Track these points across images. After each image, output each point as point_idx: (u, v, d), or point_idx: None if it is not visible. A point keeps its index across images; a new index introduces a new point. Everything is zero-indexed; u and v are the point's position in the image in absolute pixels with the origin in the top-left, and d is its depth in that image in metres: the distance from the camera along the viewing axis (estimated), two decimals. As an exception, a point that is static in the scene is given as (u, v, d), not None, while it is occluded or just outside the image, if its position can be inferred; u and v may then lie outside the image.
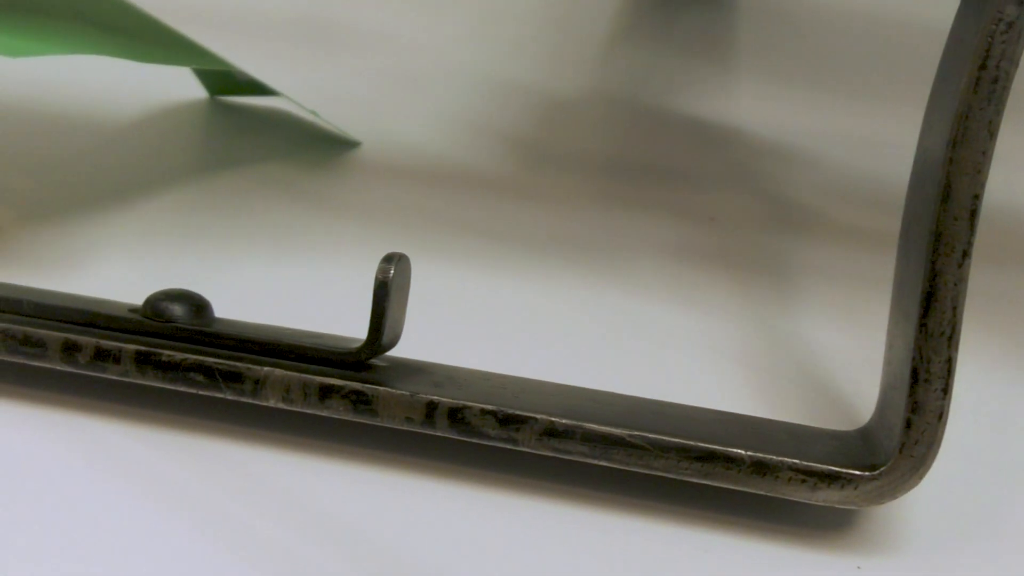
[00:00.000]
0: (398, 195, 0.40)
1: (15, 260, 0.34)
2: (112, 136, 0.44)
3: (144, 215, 0.37)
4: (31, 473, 0.25)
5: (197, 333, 0.26)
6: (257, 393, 0.25)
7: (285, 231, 0.37)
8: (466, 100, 0.48)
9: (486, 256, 0.36)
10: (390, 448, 0.26)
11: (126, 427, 0.27)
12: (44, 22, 0.30)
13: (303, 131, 0.45)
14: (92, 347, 0.26)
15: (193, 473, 0.26)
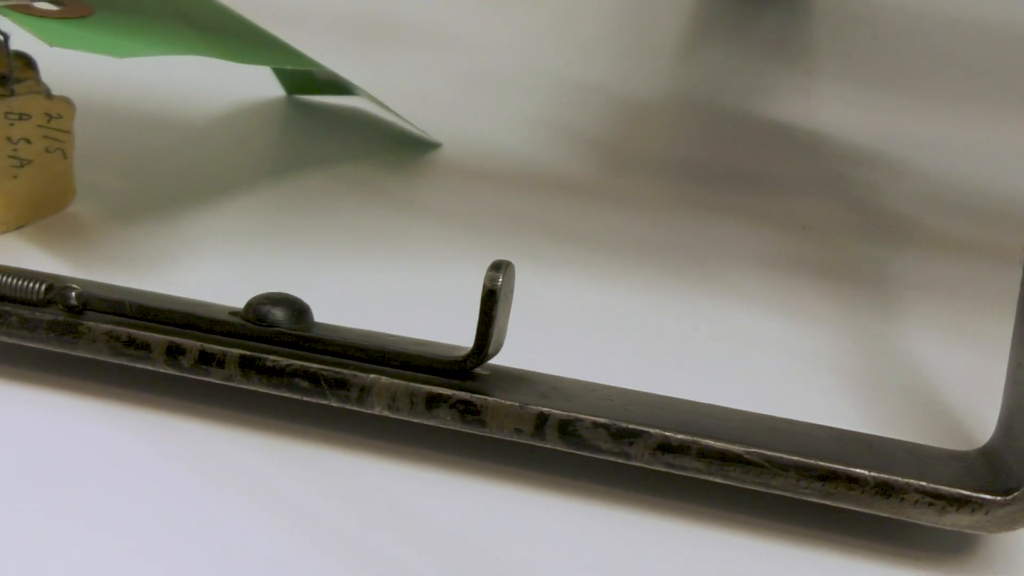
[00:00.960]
0: (482, 198, 0.39)
1: (108, 259, 0.34)
2: (194, 134, 0.44)
3: (232, 215, 0.37)
4: (133, 476, 0.25)
5: (300, 338, 0.26)
6: (363, 400, 0.25)
7: (372, 233, 0.37)
8: (544, 101, 0.47)
9: (573, 261, 0.35)
10: (494, 458, 0.26)
11: (228, 431, 0.27)
12: (147, 22, 0.30)
13: (383, 131, 0.44)
14: (196, 350, 0.26)
15: (294, 478, 0.25)
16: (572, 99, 0.47)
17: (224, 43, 0.32)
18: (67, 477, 0.25)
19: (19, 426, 0.27)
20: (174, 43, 0.30)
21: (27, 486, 0.25)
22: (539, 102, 0.47)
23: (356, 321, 0.28)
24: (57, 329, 0.26)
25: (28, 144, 0.33)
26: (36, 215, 0.36)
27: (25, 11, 0.28)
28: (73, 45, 0.27)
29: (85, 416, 0.27)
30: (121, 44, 0.28)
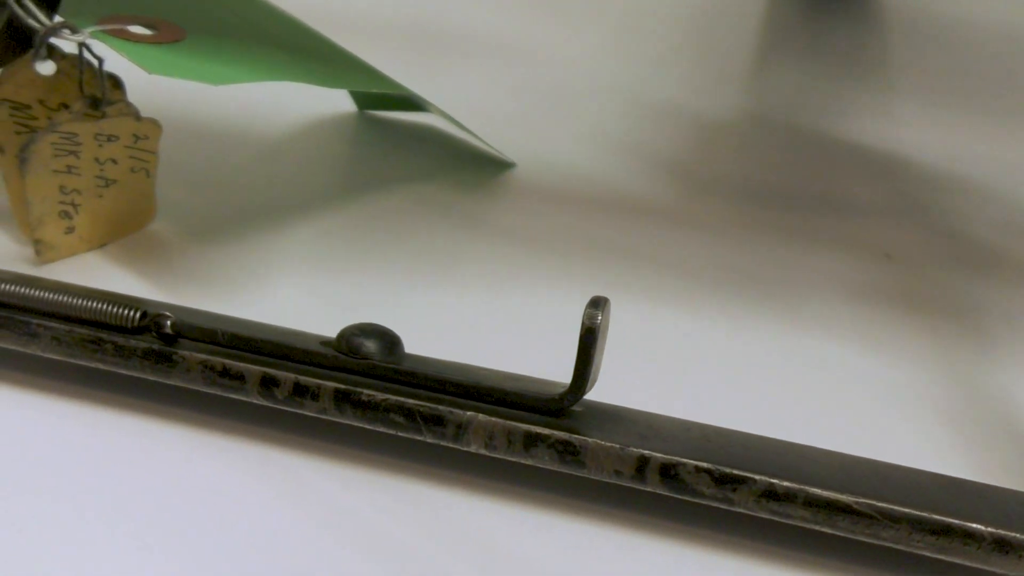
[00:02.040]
0: (559, 220, 0.39)
1: (189, 279, 0.34)
2: (267, 149, 0.44)
3: (309, 235, 0.37)
4: (224, 504, 0.25)
5: (393, 371, 0.26)
6: (459, 438, 0.25)
7: (450, 256, 0.36)
8: (617, 118, 0.47)
9: (653, 288, 0.35)
10: (588, 496, 0.26)
11: (319, 462, 0.26)
12: (238, 47, 0.30)
13: (456, 150, 0.44)
14: (291, 383, 0.26)
15: (386, 513, 0.25)
16: (645, 117, 0.47)
17: (313, 68, 0.32)
18: (156, 503, 0.25)
19: (111, 451, 0.27)
20: (267, 69, 0.30)
21: (120, 510, 0.25)
22: (612, 120, 0.46)
23: (437, 347, 0.28)
24: (152, 357, 0.27)
25: (114, 164, 0.34)
26: (119, 233, 0.36)
27: (121, 36, 0.29)
28: (171, 73, 0.27)
29: (176, 443, 0.27)
30: (216, 71, 0.28)
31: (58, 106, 0.33)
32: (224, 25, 0.31)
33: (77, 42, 0.28)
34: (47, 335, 0.27)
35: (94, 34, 0.28)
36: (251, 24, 0.33)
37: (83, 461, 0.26)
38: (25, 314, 0.27)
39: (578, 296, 0.34)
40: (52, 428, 0.27)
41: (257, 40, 0.31)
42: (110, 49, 0.29)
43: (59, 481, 0.26)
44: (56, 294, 0.27)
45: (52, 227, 0.34)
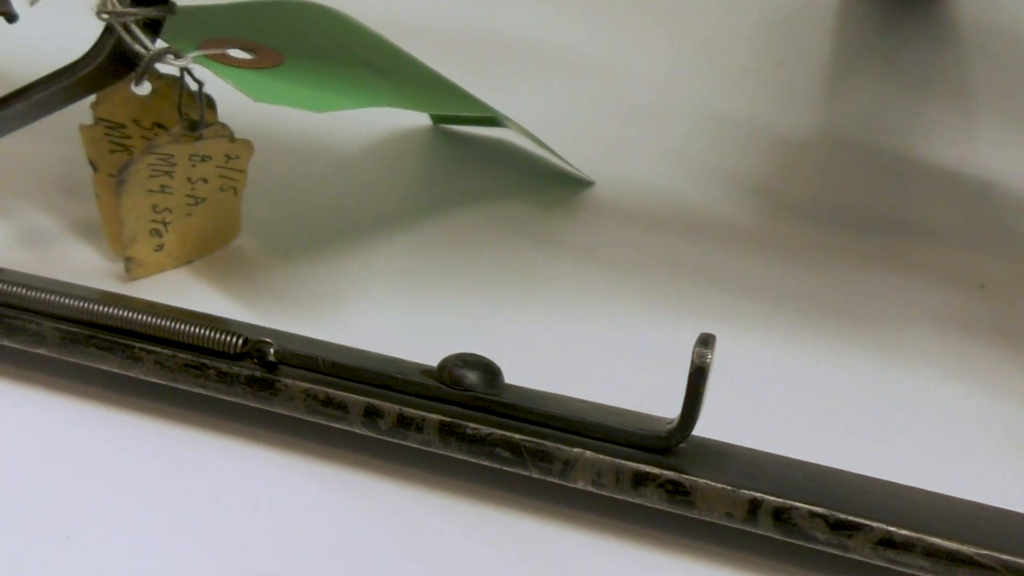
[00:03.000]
0: (641, 243, 0.38)
1: (276, 298, 0.34)
2: (344, 164, 0.44)
3: (390, 254, 0.37)
4: (324, 531, 0.25)
5: (497, 404, 0.26)
6: (566, 474, 0.24)
7: (533, 278, 0.36)
8: (692, 137, 0.46)
9: (739, 315, 0.34)
10: (693, 535, 0.25)
11: (416, 492, 0.26)
12: (335, 71, 0.30)
13: (533, 167, 0.44)
14: (395, 414, 0.26)
15: (486, 544, 0.25)
16: (721, 135, 0.46)
17: (409, 92, 0.32)
18: (256, 528, 0.25)
19: (207, 474, 0.27)
20: (365, 95, 0.30)
21: (219, 534, 0.25)
22: (688, 138, 0.46)
23: (528, 375, 0.28)
24: (255, 385, 0.27)
25: (205, 183, 0.34)
26: (205, 250, 0.36)
27: (222, 60, 0.29)
28: (275, 100, 0.27)
29: (275, 469, 0.27)
30: (318, 97, 0.28)
31: (151, 125, 0.34)
32: (319, 49, 0.32)
33: (179, 67, 0.28)
34: (150, 359, 0.27)
35: (197, 59, 0.28)
36: (345, 48, 0.33)
37: (179, 483, 0.27)
38: (128, 337, 0.28)
39: (666, 322, 0.34)
40: (150, 449, 0.28)
41: (352, 64, 0.31)
42: (211, 74, 0.29)
43: (158, 502, 0.26)
44: (159, 319, 0.27)
45: (143, 245, 0.34)
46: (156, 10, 0.27)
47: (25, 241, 0.37)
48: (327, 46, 0.32)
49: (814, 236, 0.40)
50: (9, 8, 0.29)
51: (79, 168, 0.41)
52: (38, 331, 0.28)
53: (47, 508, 0.25)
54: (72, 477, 0.26)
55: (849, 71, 0.54)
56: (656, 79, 0.51)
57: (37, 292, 0.28)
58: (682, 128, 0.47)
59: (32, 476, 0.26)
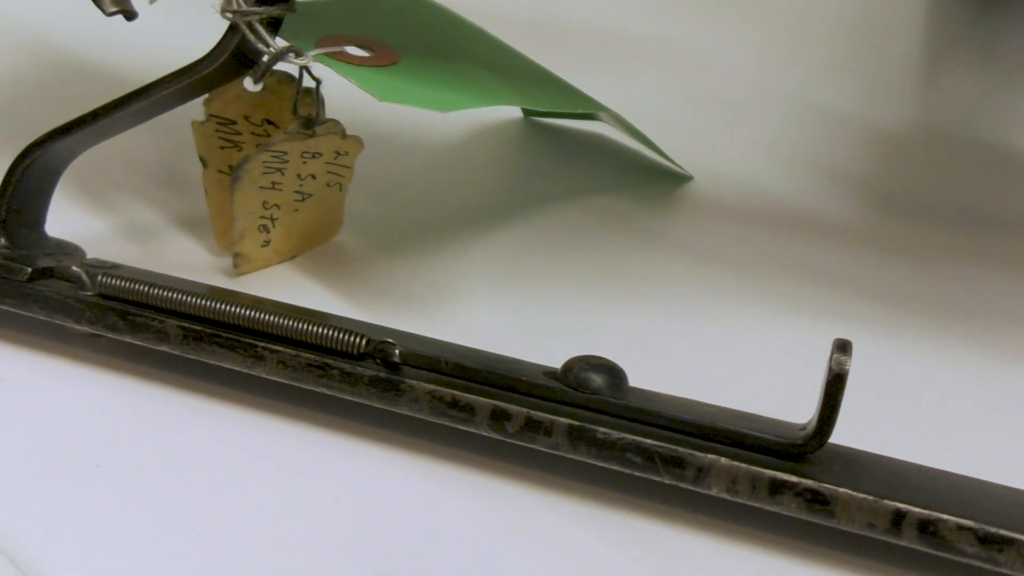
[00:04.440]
0: (746, 240, 0.38)
1: (381, 295, 0.34)
2: (438, 157, 0.43)
3: (491, 250, 0.37)
4: (449, 533, 0.25)
5: (625, 408, 0.25)
6: (699, 481, 0.24)
7: (637, 274, 0.36)
8: (789, 129, 0.46)
9: (853, 314, 0.34)
10: (822, 541, 0.25)
11: (542, 495, 0.26)
12: (451, 69, 0.30)
13: (628, 160, 0.43)
14: (523, 417, 0.25)
15: (614, 548, 0.25)
16: (818, 128, 0.45)
17: (524, 89, 0.32)
18: (380, 529, 0.25)
19: (330, 475, 0.27)
20: (485, 93, 0.30)
21: (343, 535, 0.25)
22: (785, 130, 0.45)
23: (642, 375, 0.28)
24: (379, 385, 0.27)
25: (313, 179, 0.34)
26: (308, 246, 0.36)
27: (341, 58, 0.29)
28: (398, 99, 0.27)
29: (396, 469, 0.27)
30: (440, 96, 0.28)
31: (262, 122, 0.34)
32: (430, 45, 0.31)
33: (300, 65, 0.28)
34: (273, 358, 0.27)
35: (317, 57, 0.28)
36: (454, 43, 0.32)
37: (302, 482, 0.27)
38: (251, 336, 0.28)
39: (780, 323, 0.34)
40: (272, 448, 0.28)
41: (464, 61, 0.31)
42: (332, 72, 0.29)
43: (282, 501, 0.26)
44: (284, 318, 0.27)
45: (251, 240, 0.34)
46: (279, 8, 0.27)
47: (130, 235, 0.37)
48: (437, 42, 0.32)
49: (925, 234, 0.39)
50: (129, 6, 0.29)
51: (180, 163, 0.42)
52: (161, 328, 0.28)
53: (177, 505, 0.26)
54: (199, 475, 0.27)
55: (943, 61, 0.53)
56: (747, 70, 0.50)
57: (159, 289, 0.28)
58: (777, 120, 0.46)
59: (163, 474, 0.27)
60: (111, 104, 0.29)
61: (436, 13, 0.35)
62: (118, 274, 0.29)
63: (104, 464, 0.27)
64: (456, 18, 0.35)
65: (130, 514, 0.25)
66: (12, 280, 0.30)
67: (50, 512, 0.25)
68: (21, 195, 0.31)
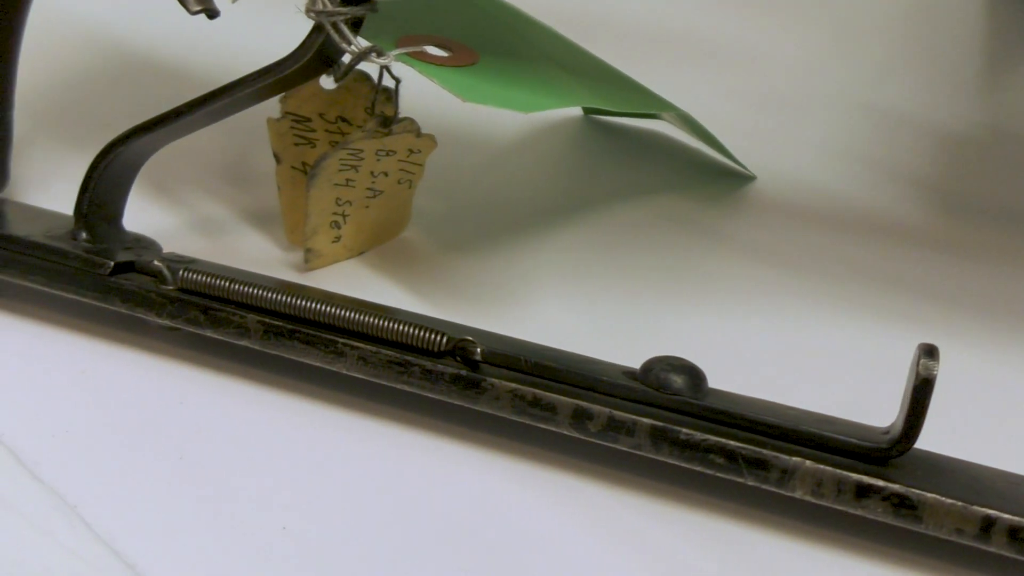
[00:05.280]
0: (810, 239, 0.38)
1: (451, 292, 0.34)
2: (499, 154, 0.43)
3: (557, 248, 0.37)
4: (529, 531, 0.25)
5: (706, 410, 0.26)
6: (783, 483, 0.24)
7: (705, 275, 0.36)
8: (850, 129, 0.45)
9: (925, 318, 0.34)
10: (908, 547, 0.25)
11: (624, 495, 0.26)
12: (528, 70, 0.30)
13: (689, 160, 0.43)
14: (605, 417, 0.26)
15: (695, 549, 0.25)
16: (880, 128, 0.45)
17: (599, 89, 0.32)
18: (460, 526, 0.25)
19: (411, 471, 0.27)
20: (564, 94, 0.30)
21: (424, 531, 0.25)
22: (846, 130, 0.45)
23: (716, 376, 0.28)
24: (460, 383, 0.27)
25: (385, 177, 0.34)
26: (376, 242, 0.37)
27: (422, 58, 0.29)
28: (483, 100, 0.27)
29: (474, 466, 0.27)
30: (523, 98, 0.28)
31: (336, 119, 0.34)
32: (506, 45, 0.31)
33: (381, 65, 0.28)
34: (353, 355, 0.28)
35: (399, 57, 0.28)
36: (528, 43, 0.32)
37: (382, 478, 0.27)
38: (331, 332, 0.28)
39: (851, 325, 0.33)
40: (350, 443, 0.28)
41: (539, 60, 0.31)
42: (412, 71, 0.29)
43: (362, 498, 0.26)
44: (364, 315, 0.28)
45: (323, 236, 0.34)
46: (362, 8, 0.27)
47: (199, 230, 0.37)
48: (512, 41, 0.32)
49: (987, 234, 0.38)
50: (211, 5, 0.29)
51: (246, 159, 0.42)
52: (242, 324, 0.29)
53: (260, 499, 0.26)
54: (280, 469, 0.27)
55: (1004, 59, 0.52)
56: (805, 70, 0.50)
57: (240, 285, 0.29)
58: (836, 120, 0.46)
59: (244, 467, 0.27)
60: (194, 101, 0.29)
61: (507, 12, 0.35)
62: (199, 269, 0.30)
63: (187, 456, 0.27)
64: (526, 17, 0.36)
65: (215, 506, 0.26)
66: (94, 273, 0.30)
67: (140, 503, 0.25)
68: (102, 190, 0.32)
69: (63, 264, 0.31)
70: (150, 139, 0.31)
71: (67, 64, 0.47)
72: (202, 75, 0.48)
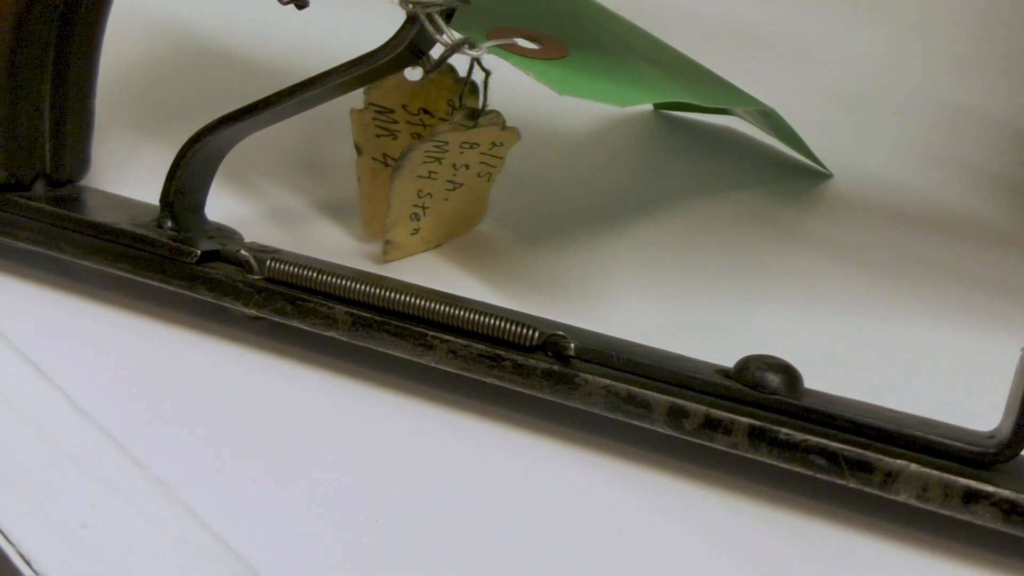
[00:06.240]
0: (894, 241, 0.37)
1: (530, 286, 0.34)
2: (571, 150, 0.43)
3: (634, 243, 0.37)
4: (622, 529, 0.25)
5: (804, 410, 0.25)
6: (887, 486, 0.24)
7: (786, 273, 0.35)
8: (927, 127, 0.45)
9: (1015, 322, 0.33)
10: (1009, 553, 0.24)
11: (719, 496, 0.26)
12: (617, 64, 0.30)
13: (763, 156, 0.43)
14: (701, 415, 0.25)
15: (799, 555, 0.24)
16: (957, 126, 0.44)
17: (689, 84, 0.32)
18: (555, 524, 0.25)
19: (506, 467, 0.27)
20: (655, 88, 0.30)
21: (520, 528, 0.25)
22: (923, 128, 0.44)
23: (808, 376, 0.27)
24: (552, 378, 0.27)
25: (466, 169, 0.34)
26: (452, 235, 0.36)
27: (514, 50, 0.29)
28: (579, 93, 0.27)
29: (568, 463, 0.27)
30: (617, 91, 0.28)
31: (418, 111, 0.34)
32: (592, 38, 0.31)
33: (472, 57, 0.28)
34: (443, 348, 0.28)
35: (491, 49, 0.28)
36: (614, 36, 0.32)
37: (472, 473, 0.27)
38: (420, 325, 0.28)
39: (939, 326, 0.33)
40: (436, 436, 0.28)
41: (627, 54, 0.31)
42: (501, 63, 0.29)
43: (453, 492, 0.26)
44: (453, 308, 0.28)
45: (403, 228, 0.34)
46: (455, 0, 0.27)
47: (275, 220, 0.37)
48: (599, 35, 0.32)
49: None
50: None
51: (318, 150, 0.42)
52: (329, 315, 0.29)
53: (352, 491, 0.26)
54: (370, 460, 0.27)
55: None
56: (879, 67, 0.49)
57: (328, 276, 0.29)
58: (913, 118, 0.45)
59: (334, 459, 0.27)
60: (284, 91, 0.29)
61: (590, 5, 0.35)
62: (286, 259, 0.30)
63: (277, 447, 0.27)
64: (608, 11, 0.35)
65: (308, 496, 0.25)
66: (181, 262, 0.30)
67: (233, 492, 0.25)
68: (187, 178, 0.32)
69: (150, 252, 0.31)
70: (238, 128, 0.31)
71: (144, 53, 0.47)
72: (270, 66, 0.48)
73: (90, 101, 0.35)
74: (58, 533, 0.20)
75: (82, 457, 0.22)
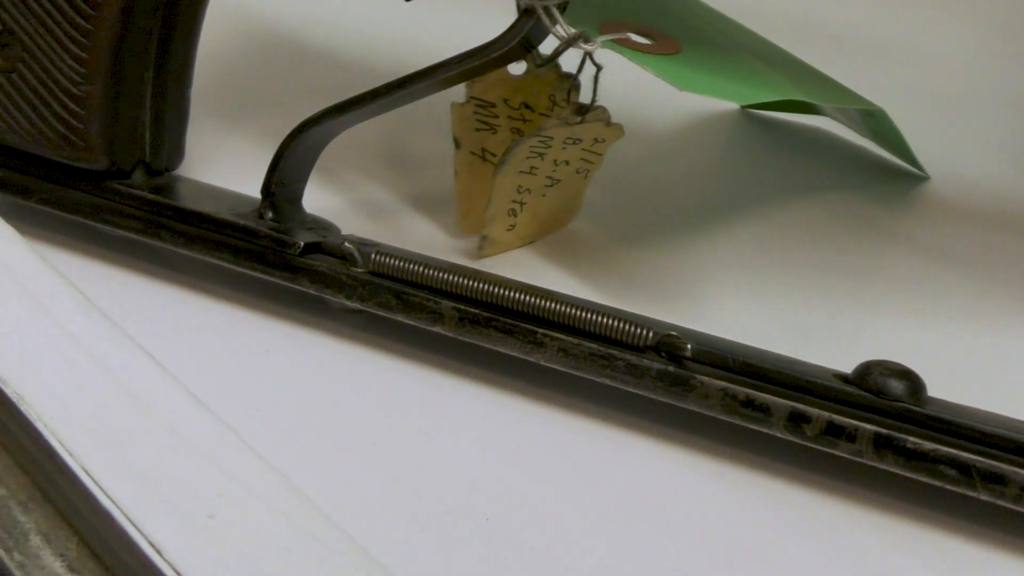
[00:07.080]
0: (996, 246, 0.36)
1: (629, 285, 0.34)
2: (658, 148, 0.42)
3: (731, 244, 0.36)
4: (738, 536, 0.25)
5: (931, 418, 0.25)
6: (1021, 500, 0.23)
7: (888, 277, 0.34)
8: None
9: None
10: None
11: (842, 506, 0.25)
12: (731, 61, 0.29)
13: (856, 157, 0.42)
14: (823, 421, 0.25)
15: (926, 570, 0.24)
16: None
17: (800, 83, 0.31)
18: (673, 531, 0.25)
19: (621, 471, 0.26)
20: (770, 86, 0.29)
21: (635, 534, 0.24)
22: (1019, 132, 0.43)
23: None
24: (667, 380, 0.26)
25: (566, 165, 0.33)
26: (547, 231, 0.36)
27: (629, 45, 0.28)
28: (699, 90, 0.26)
29: (682, 467, 0.26)
30: (736, 88, 0.27)
31: (519, 105, 0.34)
32: (701, 34, 0.31)
33: (586, 51, 0.28)
34: (554, 346, 0.27)
35: (606, 44, 0.27)
36: (723, 33, 0.32)
37: (586, 477, 0.26)
38: (530, 322, 0.28)
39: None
40: (548, 437, 0.27)
41: (738, 52, 0.30)
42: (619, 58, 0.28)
43: (564, 495, 0.26)
44: (564, 305, 0.27)
45: (500, 224, 0.34)
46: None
47: (368, 213, 0.37)
48: (708, 31, 0.31)
49: None
50: (409, -14, 0.29)
51: (408, 143, 0.42)
52: (436, 310, 0.28)
53: (463, 492, 0.26)
54: (482, 459, 0.26)
55: None
56: (977, 69, 0.48)
57: (434, 270, 0.28)
58: (1012, 121, 0.44)
59: (439, 458, 0.27)
60: (393, 84, 0.29)
61: (695, 3, 0.34)
62: (391, 252, 0.29)
63: (380, 442, 0.27)
64: (712, 8, 0.35)
65: (418, 494, 0.25)
66: (283, 253, 0.30)
67: (341, 487, 0.25)
68: (287, 170, 0.32)
69: (252, 243, 0.31)
70: (342, 120, 0.31)
71: (230, 43, 0.47)
72: (354, 58, 0.48)
73: (187, 91, 0.35)
74: (186, 523, 0.20)
75: (204, 447, 0.22)
